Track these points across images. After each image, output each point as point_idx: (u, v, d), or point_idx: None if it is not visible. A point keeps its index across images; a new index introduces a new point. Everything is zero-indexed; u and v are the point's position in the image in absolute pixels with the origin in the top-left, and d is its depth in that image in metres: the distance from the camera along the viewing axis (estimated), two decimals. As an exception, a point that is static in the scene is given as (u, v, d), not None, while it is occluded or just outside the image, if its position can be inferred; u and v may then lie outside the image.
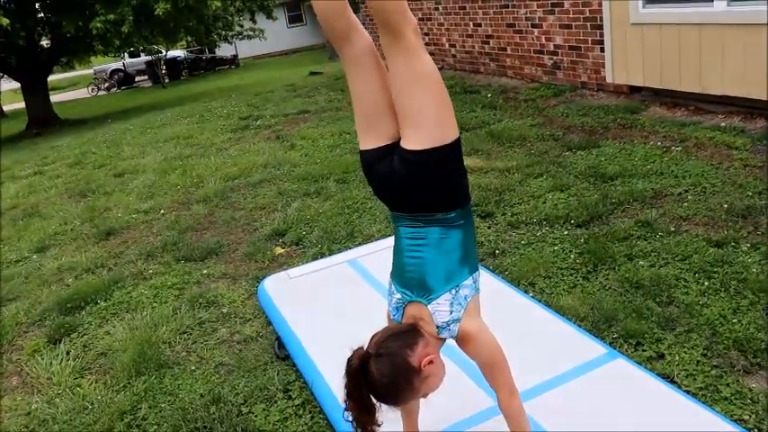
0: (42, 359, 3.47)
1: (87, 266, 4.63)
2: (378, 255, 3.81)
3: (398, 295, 2.06)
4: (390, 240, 4.01)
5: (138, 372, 3.17)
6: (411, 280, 2.02)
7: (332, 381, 2.68)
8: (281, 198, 5.46)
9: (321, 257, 4.13)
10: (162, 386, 3.06)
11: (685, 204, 4.08)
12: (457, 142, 1.96)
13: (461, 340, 2.03)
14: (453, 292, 1.99)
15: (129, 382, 3.12)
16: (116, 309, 3.92)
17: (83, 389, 3.14)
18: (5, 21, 13.31)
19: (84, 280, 4.40)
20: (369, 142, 2.03)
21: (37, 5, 16.61)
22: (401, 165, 1.94)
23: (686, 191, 4.29)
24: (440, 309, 1.98)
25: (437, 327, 1.99)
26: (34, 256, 5.06)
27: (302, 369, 2.89)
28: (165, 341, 3.44)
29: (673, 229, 3.78)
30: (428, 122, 1.92)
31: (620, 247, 3.66)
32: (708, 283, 3.15)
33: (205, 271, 4.27)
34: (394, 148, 1.97)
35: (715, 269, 3.26)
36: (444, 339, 2.04)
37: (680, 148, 5.13)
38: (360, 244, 4.25)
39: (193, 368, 3.18)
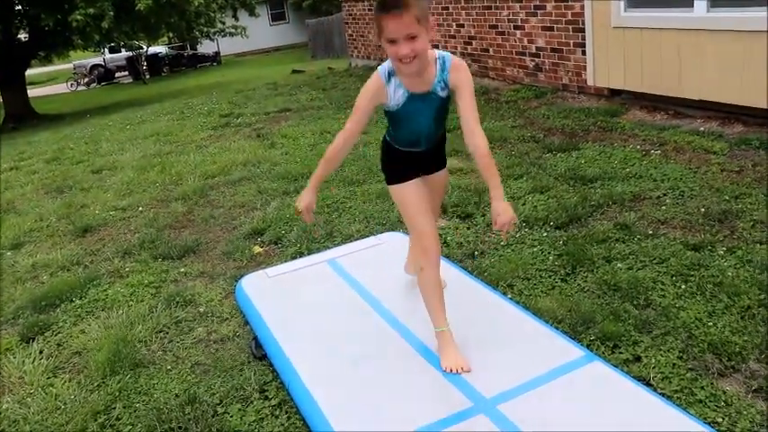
0: (14, 358, 3.41)
1: (63, 264, 4.57)
2: (357, 255, 3.79)
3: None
4: (369, 241, 4.02)
5: (113, 371, 3.13)
6: None
7: (309, 381, 2.66)
8: (261, 196, 5.42)
9: (300, 257, 4.11)
10: (137, 386, 3.02)
11: (663, 208, 4.12)
12: None
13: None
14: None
15: (103, 382, 3.08)
16: (91, 307, 3.87)
17: (56, 388, 3.09)
18: None
19: (60, 277, 4.34)
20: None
21: (15, -2, 16.43)
22: None
23: (664, 194, 4.32)
24: None
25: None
26: (8, 253, 4.98)
27: (279, 369, 2.87)
28: (140, 340, 3.40)
29: (651, 232, 3.81)
30: None
31: (599, 249, 3.67)
32: (684, 286, 3.18)
33: (183, 269, 4.23)
34: None
35: (692, 272, 3.28)
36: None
37: (659, 151, 5.17)
38: (339, 244, 4.23)
39: (169, 368, 3.14)
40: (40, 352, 3.45)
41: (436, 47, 2.58)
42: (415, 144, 2.64)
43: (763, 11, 5.12)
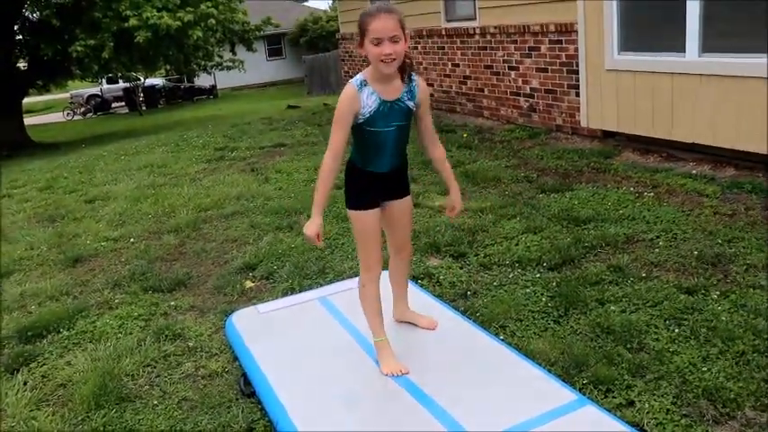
0: (-2, 389, 3.35)
1: (52, 294, 4.52)
2: (349, 293, 3.77)
3: None
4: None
5: (98, 405, 3.07)
6: None
7: (297, 420, 2.62)
8: (254, 231, 5.40)
9: (291, 293, 4.08)
10: (122, 421, 2.96)
11: (657, 250, 4.12)
12: None
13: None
14: None
15: (87, 416, 3.02)
16: (79, 338, 3.82)
17: (38, 422, 3.03)
18: None
19: (48, 307, 4.28)
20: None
21: (16, 27, 16.55)
22: None
23: (657, 237, 4.33)
24: None
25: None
26: (-4, 282, 4.93)
27: (267, 407, 2.82)
28: (127, 374, 3.35)
29: (644, 274, 3.80)
30: None
31: (592, 291, 3.66)
32: (678, 330, 3.16)
33: (173, 302, 4.19)
34: None
35: (685, 316, 3.27)
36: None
37: (652, 193, 5.19)
38: (331, 281, 4.20)
39: (156, 403, 3.09)
40: (24, 383, 3.38)
41: (431, 85, 2.70)
42: (380, 161, 2.82)
43: (753, 57, 5.20)
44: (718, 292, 3.47)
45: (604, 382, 2.80)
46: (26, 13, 16.58)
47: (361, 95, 2.71)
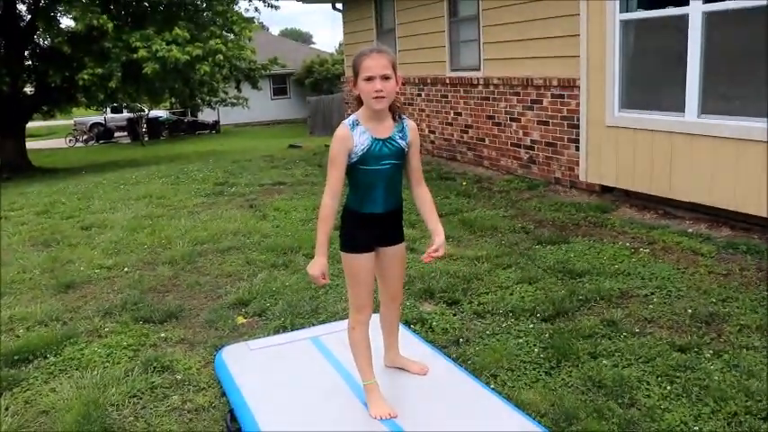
0: (-21, 413, 3.29)
1: (41, 318, 4.48)
2: (341, 334, 3.73)
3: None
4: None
5: (81, 435, 3.02)
6: None
7: (282, 460, 2.58)
8: (249, 267, 5.39)
9: (283, 331, 4.05)
10: (103, 452, 2.91)
11: (650, 306, 4.12)
12: None
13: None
14: None
15: (69, 445, 2.97)
16: (65, 365, 3.77)
17: (19, 449, 2.98)
18: None
19: (36, 332, 4.24)
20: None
21: (26, 53, 16.75)
22: None
23: (652, 293, 4.33)
24: None
25: None
26: (-14, 304, 4.89)
27: (253, 445, 2.78)
28: (113, 404, 3.30)
29: (637, 330, 3.79)
30: None
31: (585, 344, 3.65)
32: (670, 387, 3.14)
33: (163, 334, 4.15)
34: None
35: (678, 374, 3.25)
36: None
37: (648, 250, 5.21)
38: (324, 321, 4.18)
39: (139, 435, 3.04)
40: (6, 408, 3.33)
41: (433, 132, 2.72)
42: (374, 201, 2.87)
43: (752, 120, 5.28)
44: (711, 351, 3.46)
45: (595, 437, 2.77)
46: (37, 40, 16.79)
47: (353, 134, 2.77)
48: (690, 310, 3.99)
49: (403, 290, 3.27)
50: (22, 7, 16.73)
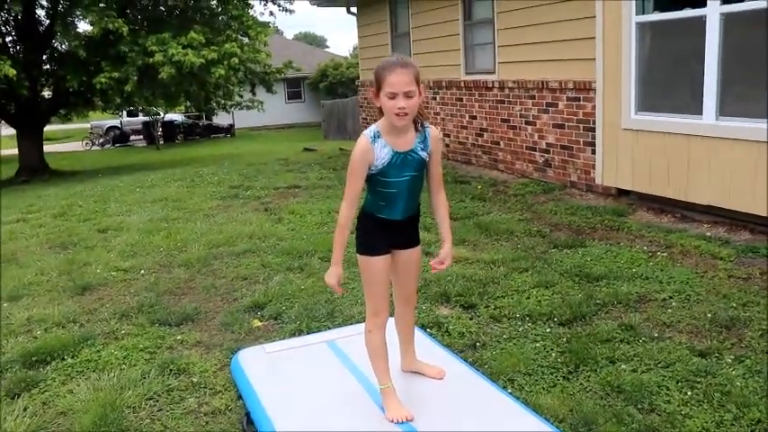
0: (-2, 414, 3.31)
1: (58, 320, 4.51)
2: (357, 338, 3.72)
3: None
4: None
5: (98, 436, 3.03)
6: None
7: (299, 464, 2.57)
8: (264, 270, 5.40)
9: (299, 334, 4.05)
10: (120, 454, 2.92)
11: (669, 311, 4.07)
12: None
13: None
14: None
15: (86, 447, 2.98)
16: (83, 367, 3.79)
17: (36, 450, 2.99)
18: (12, 72, 13.49)
19: (54, 334, 4.27)
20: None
21: (45, 57, 16.90)
22: None
23: (670, 297, 4.29)
24: None
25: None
26: (5, 305, 4.92)
27: (269, 448, 2.78)
28: (129, 405, 3.31)
29: (656, 334, 3.75)
30: None
31: (603, 349, 3.61)
32: (691, 393, 3.10)
33: (179, 337, 4.16)
34: None
35: (698, 379, 3.21)
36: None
37: (665, 253, 5.16)
38: (340, 325, 4.17)
39: (156, 437, 3.04)
40: (25, 409, 3.35)
41: (447, 136, 2.70)
42: (393, 209, 2.85)
43: (773, 125, 5.22)
44: (732, 357, 3.42)
45: (614, 443, 2.74)
46: (55, 44, 16.94)
47: (374, 147, 2.73)
48: (709, 315, 3.94)
49: (417, 293, 3.25)
50: (40, 12, 16.89)
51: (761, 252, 5.00)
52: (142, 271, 5.57)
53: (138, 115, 31.42)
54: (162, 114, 29.78)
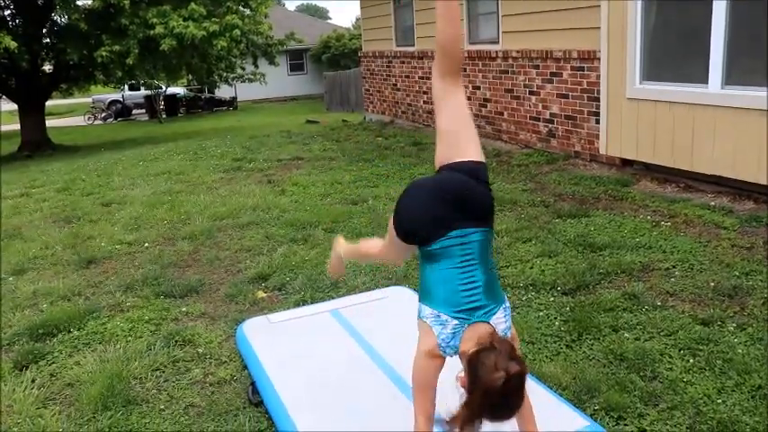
0: (5, 385, 3.35)
1: (64, 293, 4.54)
2: (361, 307, 3.75)
3: (455, 321, 2.16)
4: (374, 294, 3.98)
5: (105, 406, 3.06)
6: (470, 303, 2.17)
7: (303, 430, 2.60)
8: (268, 242, 5.41)
9: (303, 305, 4.07)
10: (128, 423, 2.95)
11: (672, 280, 4.08)
12: None
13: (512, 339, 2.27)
14: (504, 305, 2.25)
15: (94, 416, 3.01)
16: (89, 339, 3.82)
17: (44, 420, 3.03)
18: (13, 44, 13.41)
19: (60, 307, 4.29)
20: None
21: (44, 31, 16.78)
22: (455, 173, 2.28)
23: (674, 266, 4.29)
24: (498, 322, 2.19)
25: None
26: (10, 279, 4.95)
27: (274, 417, 2.81)
28: (135, 377, 3.34)
29: (659, 303, 3.76)
30: (476, 143, 2.39)
31: (606, 317, 3.63)
32: (693, 360, 3.12)
33: (184, 308, 4.19)
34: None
35: (700, 347, 3.23)
36: None
37: (669, 223, 5.16)
38: (344, 295, 4.19)
39: (162, 407, 3.08)
40: (33, 381, 3.39)
41: None
42: None
43: (779, 92, 5.18)
44: (734, 325, 3.43)
45: (616, 410, 2.76)
46: (55, 17, 16.81)
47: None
48: (712, 284, 3.95)
49: None
50: (39, -16, 16.75)
51: (764, 221, 4.99)
52: (146, 244, 5.58)
53: (140, 89, 31.12)
54: (164, 88, 29.63)
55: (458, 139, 2.35)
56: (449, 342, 2.16)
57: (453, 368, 2.13)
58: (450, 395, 2.07)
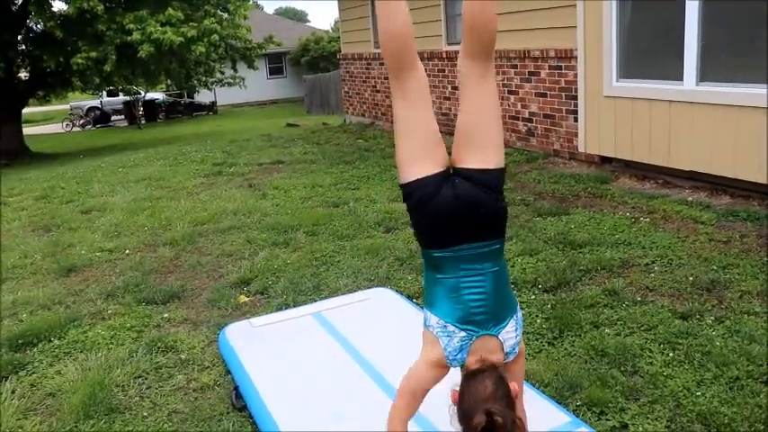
0: (-14, 397, 3.31)
1: (44, 302, 4.50)
2: (344, 309, 3.76)
3: (462, 333, 2.09)
4: (356, 296, 3.99)
5: (87, 415, 3.04)
6: (478, 315, 2.08)
7: (288, 435, 2.60)
8: (249, 246, 5.39)
9: (286, 308, 4.06)
10: (111, 431, 2.93)
11: (652, 275, 4.12)
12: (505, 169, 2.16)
13: (518, 356, 2.20)
14: (515, 317, 2.16)
15: (76, 426, 2.99)
16: (70, 348, 3.79)
17: (25, 431, 3.00)
18: None
19: (40, 316, 4.26)
20: (426, 169, 2.11)
21: (19, 38, 16.60)
22: (467, 185, 2.08)
23: (653, 262, 4.34)
24: (508, 336, 2.12)
25: (506, 354, 2.11)
26: (-11, 289, 4.90)
27: (258, 421, 2.80)
28: (118, 384, 3.32)
29: (639, 298, 3.80)
30: (495, 145, 2.15)
31: (587, 314, 3.66)
32: (672, 354, 3.16)
33: (166, 315, 4.17)
34: (447, 174, 2.12)
35: (680, 341, 3.27)
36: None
37: (648, 219, 5.21)
38: (326, 297, 4.19)
39: (145, 414, 3.06)
40: (13, 392, 3.35)
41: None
42: None
43: (751, 87, 5.25)
44: (712, 318, 3.48)
45: (598, 405, 2.79)
46: (30, 24, 16.64)
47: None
48: (691, 278, 4.00)
49: None
50: (12, -9, 16.58)
51: (741, 216, 5.05)
52: (127, 251, 5.55)
53: (118, 95, 30.98)
54: (143, 93, 29.44)
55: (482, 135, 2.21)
56: (456, 355, 2.11)
57: (452, 375, 2.16)
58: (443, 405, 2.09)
